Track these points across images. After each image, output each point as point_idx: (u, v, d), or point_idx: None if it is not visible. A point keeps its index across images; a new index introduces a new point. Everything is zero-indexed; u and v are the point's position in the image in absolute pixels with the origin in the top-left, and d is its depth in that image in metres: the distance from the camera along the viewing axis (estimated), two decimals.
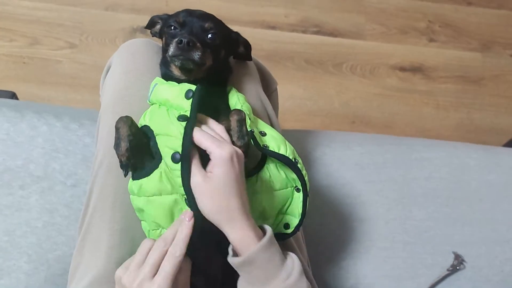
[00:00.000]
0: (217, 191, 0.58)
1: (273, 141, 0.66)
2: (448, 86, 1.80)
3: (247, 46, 0.77)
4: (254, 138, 0.64)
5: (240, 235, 0.59)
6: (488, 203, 0.97)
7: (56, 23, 1.70)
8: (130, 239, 0.70)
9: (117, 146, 0.65)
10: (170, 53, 0.65)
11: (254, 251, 0.58)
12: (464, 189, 0.97)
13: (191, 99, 0.64)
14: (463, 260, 0.92)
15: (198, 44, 0.64)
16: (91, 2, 1.74)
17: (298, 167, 0.66)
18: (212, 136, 0.61)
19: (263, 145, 0.65)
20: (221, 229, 0.60)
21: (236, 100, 0.69)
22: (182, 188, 0.61)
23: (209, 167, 0.60)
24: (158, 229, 0.64)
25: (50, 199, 0.85)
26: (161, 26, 0.74)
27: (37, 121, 0.90)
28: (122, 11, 1.74)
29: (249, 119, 0.66)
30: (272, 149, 0.65)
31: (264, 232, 0.61)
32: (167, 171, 0.62)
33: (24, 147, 0.87)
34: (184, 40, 0.63)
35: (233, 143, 0.63)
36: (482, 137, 1.73)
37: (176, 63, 0.66)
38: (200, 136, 0.60)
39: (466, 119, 1.76)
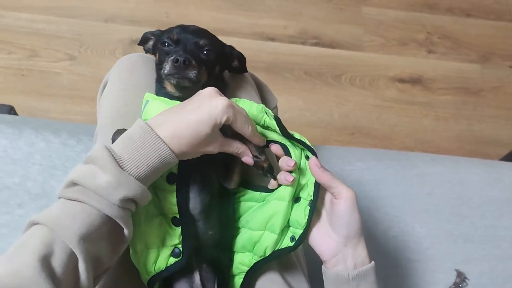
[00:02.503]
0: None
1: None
2: (447, 97, 1.80)
3: (242, 59, 0.76)
4: (281, 124, 0.64)
5: (366, 251, 0.62)
6: (490, 219, 0.97)
7: (55, 35, 1.69)
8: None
9: None
10: (166, 71, 0.64)
11: (370, 267, 0.61)
12: (466, 205, 0.97)
13: None
14: (465, 278, 0.92)
15: (194, 63, 0.64)
16: (90, 14, 1.74)
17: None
18: (334, 175, 0.63)
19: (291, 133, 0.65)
20: (355, 240, 0.61)
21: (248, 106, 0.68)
22: (171, 208, 0.61)
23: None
24: (144, 251, 0.63)
25: None
26: (154, 43, 0.73)
27: (35, 138, 0.89)
28: (121, 23, 1.74)
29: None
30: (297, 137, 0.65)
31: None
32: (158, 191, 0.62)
33: (21, 164, 0.87)
34: (180, 59, 0.62)
35: (256, 157, 0.63)
36: (482, 148, 1.72)
37: (172, 81, 0.66)
38: (327, 176, 0.62)
39: (466, 130, 1.75)
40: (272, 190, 0.66)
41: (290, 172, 0.64)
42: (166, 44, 0.67)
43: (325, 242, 0.62)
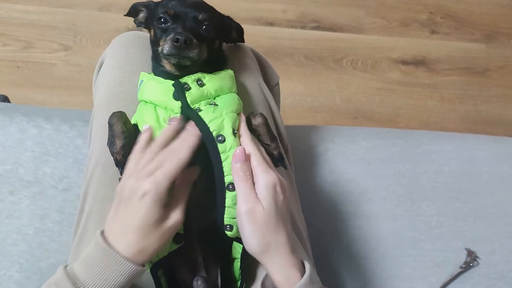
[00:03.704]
0: (264, 224, 0.54)
1: (213, 112, 0.60)
2: (452, 78, 1.76)
3: (240, 30, 0.73)
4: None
5: (284, 273, 0.55)
6: (500, 196, 0.93)
7: (49, 26, 1.66)
8: None
9: (111, 143, 0.62)
10: (165, 51, 0.61)
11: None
12: (475, 182, 0.94)
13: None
14: (476, 257, 0.89)
15: (195, 41, 0.60)
16: (85, 3, 1.71)
17: (216, 146, 0.57)
18: (262, 158, 0.57)
19: (197, 108, 0.60)
20: (263, 264, 0.56)
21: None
22: None
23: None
24: None
25: (41, 204, 0.82)
26: (146, 16, 0.70)
27: (26, 124, 0.86)
28: (116, 11, 1.71)
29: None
30: (200, 114, 0.59)
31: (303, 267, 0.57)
32: None
33: (13, 151, 0.84)
34: (181, 39, 0.59)
35: (267, 145, 0.62)
36: (489, 129, 1.68)
37: (172, 61, 0.63)
38: (253, 153, 0.57)
39: (472, 111, 1.71)
40: None
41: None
42: (163, 20, 0.64)
43: None
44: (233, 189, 0.57)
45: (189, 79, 0.62)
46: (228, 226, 0.59)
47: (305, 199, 0.88)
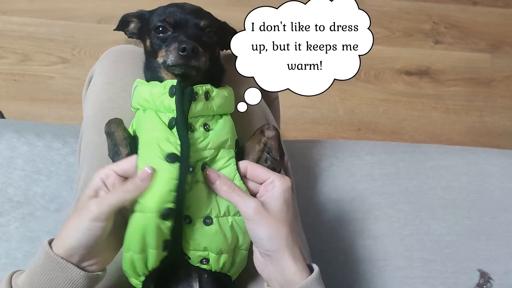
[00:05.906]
0: (277, 218, 0.54)
1: (201, 143, 0.57)
2: (457, 89, 1.73)
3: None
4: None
5: (300, 265, 0.54)
6: None
7: (47, 38, 1.65)
8: (115, 269, 0.62)
9: (114, 153, 0.58)
10: (169, 62, 0.58)
11: (310, 280, 0.53)
12: (487, 199, 0.90)
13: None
14: (489, 278, 0.84)
15: (200, 49, 0.58)
16: (83, 15, 1.69)
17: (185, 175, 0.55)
18: (266, 168, 0.59)
19: (192, 125, 0.58)
20: (279, 261, 0.54)
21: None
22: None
23: (264, 195, 0.56)
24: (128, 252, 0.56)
25: (31, 226, 0.79)
26: (139, 26, 0.67)
27: (16, 141, 0.83)
28: (115, 23, 1.67)
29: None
30: (190, 137, 0.57)
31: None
32: None
33: (2, 169, 0.82)
34: (189, 47, 0.56)
35: (274, 159, 0.61)
36: (496, 140, 1.65)
37: (177, 72, 0.59)
38: (256, 167, 0.58)
39: (478, 122, 1.68)
40: None
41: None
42: (161, 29, 0.61)
43: (256, 255, 0.58)
44: (189, 222, 0.56)
45: (200, 89, 0.59)
46: (186, 255, 0.58)
47: (307, 217, 0.85)
